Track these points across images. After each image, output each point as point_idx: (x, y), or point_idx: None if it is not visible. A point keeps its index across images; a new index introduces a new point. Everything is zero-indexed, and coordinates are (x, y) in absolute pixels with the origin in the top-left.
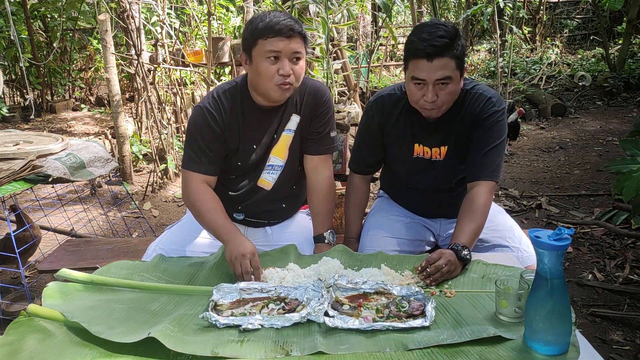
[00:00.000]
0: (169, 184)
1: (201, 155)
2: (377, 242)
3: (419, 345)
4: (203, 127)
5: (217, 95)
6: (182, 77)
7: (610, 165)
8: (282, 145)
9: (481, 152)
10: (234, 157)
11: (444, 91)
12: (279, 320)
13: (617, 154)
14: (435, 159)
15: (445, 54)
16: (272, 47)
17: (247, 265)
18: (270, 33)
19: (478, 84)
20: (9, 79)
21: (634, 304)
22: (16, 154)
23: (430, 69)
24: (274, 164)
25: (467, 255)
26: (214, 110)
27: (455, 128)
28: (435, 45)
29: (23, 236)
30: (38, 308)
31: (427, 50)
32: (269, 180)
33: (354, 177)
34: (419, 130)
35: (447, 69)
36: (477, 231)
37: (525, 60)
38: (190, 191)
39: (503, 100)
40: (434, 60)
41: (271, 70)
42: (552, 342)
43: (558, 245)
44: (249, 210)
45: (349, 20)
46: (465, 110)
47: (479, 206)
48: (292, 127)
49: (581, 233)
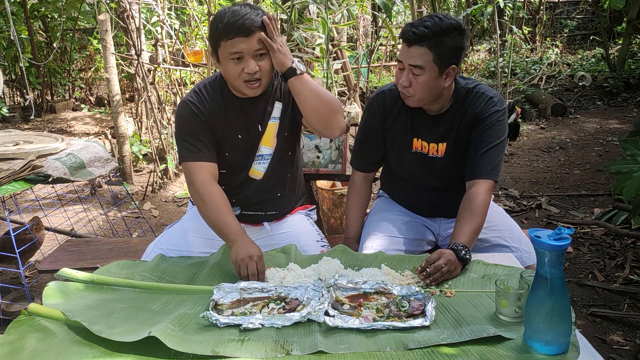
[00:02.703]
0: (169, 184)
1: (196, 143)
2: (377, 242)
3: (419, 344)
4: (190, 118)
5: (199, 89)
6: (182, 77)
7: (610, 165)
8: (270, 133)
9: (480, 151)
10: (221, 147)
11: (417, 80)
12: (279, 319)
13: (617, 154)
14: (434, 156)
15: (424, 43)
16: (233, 49)
17: (254, 267)
18: (230, 34)
19: (480, 84)
20: (9, 79)
21: (634, 304)
22: (16, 154)
23: (407, 53)
24: (263, 153)
25: (466, 255)
26: (197, 103)
27: (455, 125)
28: (415, 32)
29: (24, 237)
30: (39, 307)
31: (407, 35)
32: (260, 170)
33: (355, 177)
34: (419, 125)
35: (421, 58)
36: (477, 230)
37: (525, 60)
38: (198, 184)
39: (504, 100)
40: (412, 47)
41: (237, 70)
42: (552, 342)
43: (558, 245)
44: (244, 202)
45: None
46: (467, 109)
47: (478, 205)
48: (276, 114)
49: (581, 233)
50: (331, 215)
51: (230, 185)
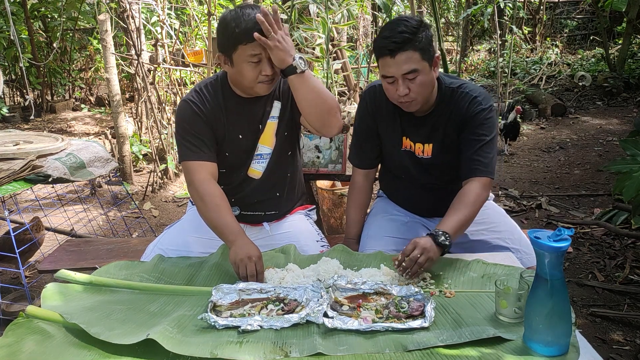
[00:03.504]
0: (169, 184)
1: (197, 143)
2: (377, 242)
3: (418, 346)
4: (191, 118)
5: (200, 89)
6: (182, 77)
7: (610, 165)
8: (269, 133)
9: (472, 150)
10: (222, 147)
11: (415, 83)
12: (278, 321)
13: (617, 154)
14: (420, 156)
15: (407, 47)
16: (254, 52)
17: (253, 268)
18: (251, 38)
19: (465, 83)
20: (9, 79)
21: (634, 304)
22: (16, 154)
23: (395, 64)
24: (262, 152)
25: (446, 240)
26: (198, 102)
27: (441, 126)
28: (395, 41)
29: (23, 237)
30: (37, 310)
31: (389, 47)
32: (259, 169)
33: (356, 176)
34: (406, 123)
35: (411, 62)
36: (464, 221)
37: (525, 60)
38: (197, 184)
39: (490, 97)
40: (397, 56)
41: (255, 73)
42: (552, 343)
43: (558, 246)
44: (243, 202)
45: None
46: (452, 110)
47: (468, 199)
48: (275, 113)
49: (581, 233)
50: (331, 215)
51: (229, 184)
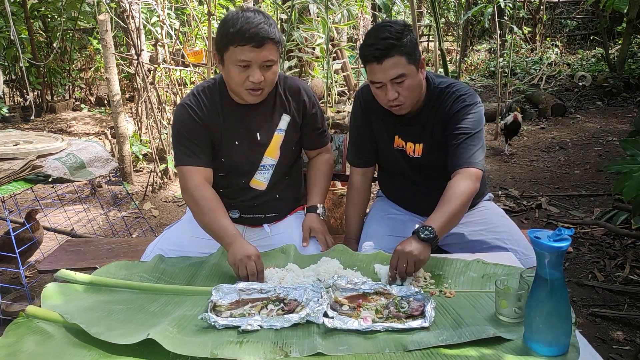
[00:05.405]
0: (169, 184)
1: (192, 148)
2: (377, 242)
3: (418, 346)
4: (187, 122)
5: (197, 93)
6: (182, 77)
7: (610, 165)
8: (274, 145)
9: (456, 144)
10: (218, 152)
11: (403, 87)
12: (278, 321)
13: (617, 154)
14: (411, 156)
15: (393, 53)
16: (242, 57)
17: (253, 267)
18: (241, 41)
19: (453, 82)
20: (9, 79)
21: (634, 304)
22: (16, 154)
23: (382, 70)
24: (265, 164)
25: (428, 234)
26: (195, 106)
27: (429, 126)
28: (380, 48)
29: (23, 237)
30: (36, 309)
31: (374, 54)
32: (262, 180)
33: (354, 176)
34: (397, 123)
35: (398, 67)
36: (451, 213)
37: (525, 60)
38: (192, 189)
39: (476, 95)
40: (384, 62)
41: (241, 77)
42: (552, 343)
43: (558, 246)
44: (243, 206)
45: (349, 20)
46: (438, 109)
47: (453, 191)
48: (283, 126)
49: (581, 233)
50: (331, 215)
51: (228, 188)
